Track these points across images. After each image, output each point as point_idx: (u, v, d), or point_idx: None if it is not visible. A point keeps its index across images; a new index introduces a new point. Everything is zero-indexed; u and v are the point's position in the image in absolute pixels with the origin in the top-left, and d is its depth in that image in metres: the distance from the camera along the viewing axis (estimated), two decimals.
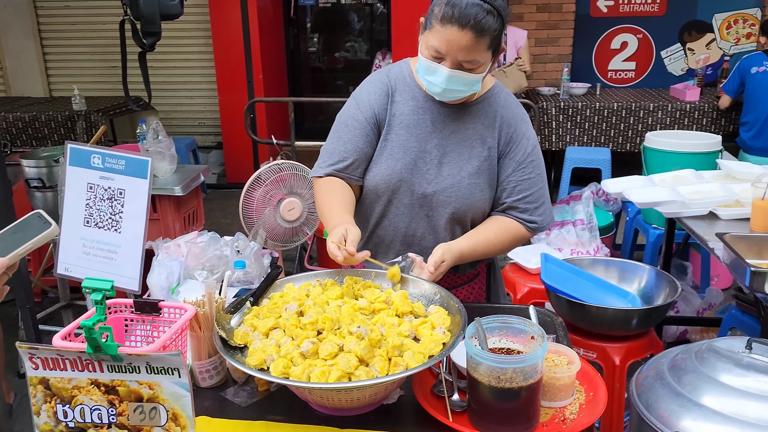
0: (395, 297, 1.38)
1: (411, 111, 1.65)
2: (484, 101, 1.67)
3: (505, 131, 1.66)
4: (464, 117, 1.65)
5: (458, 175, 1.63)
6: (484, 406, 1.21)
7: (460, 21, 1.43)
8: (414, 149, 1.63)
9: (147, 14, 2.81)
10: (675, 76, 6.00)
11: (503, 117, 1.66)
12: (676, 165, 2.99)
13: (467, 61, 1.48)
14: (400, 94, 1.66)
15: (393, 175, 1.63)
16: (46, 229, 1.08)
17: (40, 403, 1.19)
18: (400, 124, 1.65)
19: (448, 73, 1.50)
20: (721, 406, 1.30)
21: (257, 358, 1.21)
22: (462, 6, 1.42)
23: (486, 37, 1.46)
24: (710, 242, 2.24)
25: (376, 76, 1.72)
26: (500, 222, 1.68)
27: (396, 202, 1.66)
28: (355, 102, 1.69)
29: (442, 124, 1.64)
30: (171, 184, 3.21)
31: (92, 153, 1.43)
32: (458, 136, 1.64)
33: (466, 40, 1.44)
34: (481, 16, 1.42)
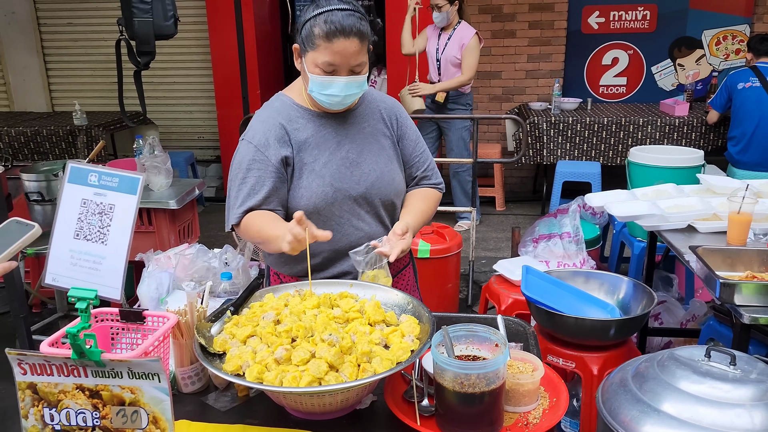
0: (368, 307, 1.44)
1: (313, 132, 1.75)
2: (364, 102, 1.84)
3: (393, 119, 1.86)
4: (357, 119, 1.81)
5: (378, 167, 1.79)
6: (449, 410, 1.27)
7: (344, 32, 1.59)
8: (332, 161, 1.75)
9: (141, 35, 2.90)
10: (665, 92, 6.09)
11: (384, 109, 1.86)
12: (660, 179, 3.07)
13: (357, 65, 1.65)
14: (295, 122, 1.75)
15: (326, 188, 1.72)
16: (29, 231, 1.14)
17: (28, 407, 1.26)
18: (308, 146, 1.74)
19: (346, 81, 1.65)
20: (678, 411, 1.35)
21: (234, 364, 1.27)
22: (340, 20, 1.59)
23: (366, 39, 1.64)
24: (686, 255, 2.31)
25: (262, 115, 1.77)
26: (422, 192, 1.90)
27: (338, 211, 1.75)
28: (253, 145, 1.71)
29: (344, 131, 1.78)
30: (166, 198, 3.28)
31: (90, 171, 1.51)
32: (361, 135, 1.80)
33: (353, 47, 1.61)
34: (358, 23, 1.61)
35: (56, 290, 3.50)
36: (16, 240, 1.13)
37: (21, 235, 1.13)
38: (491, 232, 5.34)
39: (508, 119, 5.78)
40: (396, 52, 5.91)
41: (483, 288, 3.14)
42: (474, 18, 6.19)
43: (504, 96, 6.37)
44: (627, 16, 5.97)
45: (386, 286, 1.58)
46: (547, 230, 3.55)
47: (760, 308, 1.91)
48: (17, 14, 6.64)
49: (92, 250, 1.46)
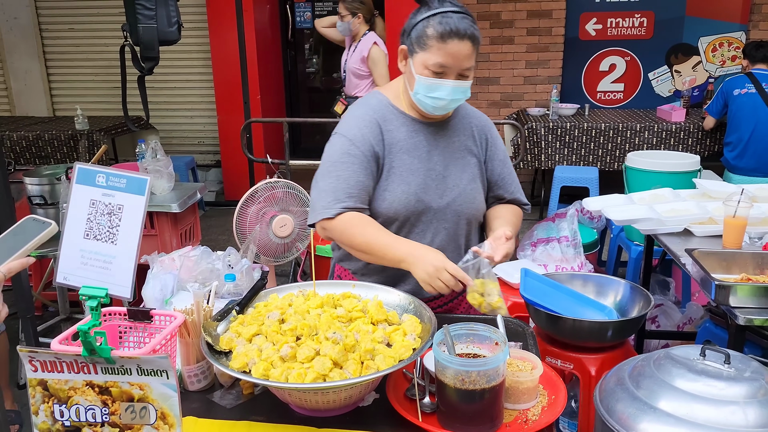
0: (371, 306, 1.48)
1: (406, 136, 1.74)
2: (457, 115, 1.83)
3: (483, 137, 1.85)
4: (448, 132, 1.80)
5: (461, 184, 1.78)
6: (451, 407, 1.30)
7: (458, 34, 1.59)
8: (420, 170, 1.74)
9: (146, 40, 2.94)
10: (662, 98, 6.15)
11: (477, 126, 1.85)
12: (656, 184, 3.10)
13: (467, 69, 1.64)
14: (390, 123, 1.74)
15: (410, 197, 1.72)
16: (45, 229, 1.17)
17: (38, 403, 1.28)
18: (400, 150, 1.73)
19: (453, 85, 1.64)
20: (674, 409, 1.39)
21: (240, 361, 1.30)
22: (455, 21, 1.60)
23: (477, 44, 1.65)
24: (682, 258, 2.34)
25: (359, 111, 1.77)
26: (511, 208, 1.90)
27: (417, 222, 1.75)
28: (346, 138, 1.71)
29: (435, 141, 1.77)
30: (168, 201, 3.31)
31: (98, 173, 1.55)
32: (450, 149, 1.79)
33: (466, 50, 1.61)
34: (472, 27, 1.62)
35: (59, 293, 3.53)
36: (33, 237, 1.15)
37: (38, 232, 1.16)
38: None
39: (506, 125, 5.82)
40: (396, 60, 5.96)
41: None
42: None
43: (502, 102, 6.42)
44: (624, 23, 6.03)
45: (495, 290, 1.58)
46: (546, 234, 3.58)
47: (754, 310, 1.95)
48: (19, 19, 6.69)
49: (102, 250, 1.49)
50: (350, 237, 1.67)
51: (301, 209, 3.18)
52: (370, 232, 1.64)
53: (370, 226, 1.66)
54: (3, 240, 1.17)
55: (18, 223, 1.19)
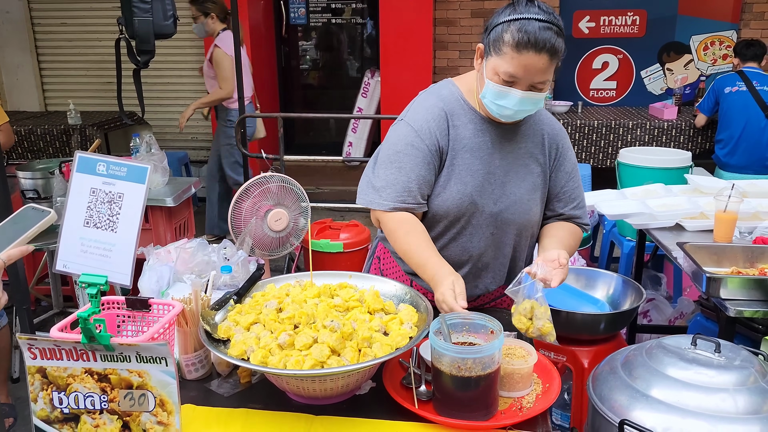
0: (368, 296, 1.49)
1: (472, 134, 1.68)
2: (530, 120, 1.73)
3: (553, 147, 1.76)
4: (516, 137, 1.72)
5: (519, 192, 1.70)
6: (447, 394, 1.32)
7: (536, 46, 1.47)
8: (480, 171, 1.68)
9: (141, 33, 2.94)
10: (654, 95, 6.19)
11: (549, 134, 1.75)
12: (649, 180, 3.14)
13: (540, 82, 1.54)
14: (458, 118, 1.68)
15: (464, 198, 1.67)
16: (45, 217, 1.17)
17: (37, 391, 1.29)
18: (463, 148, 1.67)
19: (521, 96, 1.54)
20: (665, 396, 1.41)
21: (238, 349, 1.32)
22: (535, 31, 1.47)
23: (557, 57, 1.52)
24: (674, 251, 2.37)
25: (429, 101, 1.71)
26: (569, 227, 1.80)
27: (466, 224, 1.71)
28: (412, 129, 1.66)
29: (500, 144, 1.70)
30: (163, 195, 3.32)
31: (98, 161, 1.55)
32: (514, 155, 1.71)
33: (542, 63, 1.50)
34: (553, 39, 1.49)
35: (52, 287, 3.53)
36: (33, 225, 1.16)
37: (37, 221, 1.17)
38: None
39: None
40: (390, 57, 5.98)
41: None
42: (466, 22, 6.27)
43: None
44: (617, 21, 6.07)
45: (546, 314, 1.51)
46: None
47: (744, 302, 1.98)
48: (11, 14, 6.65)
49: (102, 238, 1.50)
50: (395, 239, 1.67)
51: (296, 203, 3.19)
52: (413, 242, 1.62)
53: (415, 234, 1.63)
54: (2, 228, 1.18)
55: (17, 211, 1.20)
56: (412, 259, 1.64)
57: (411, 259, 1.64)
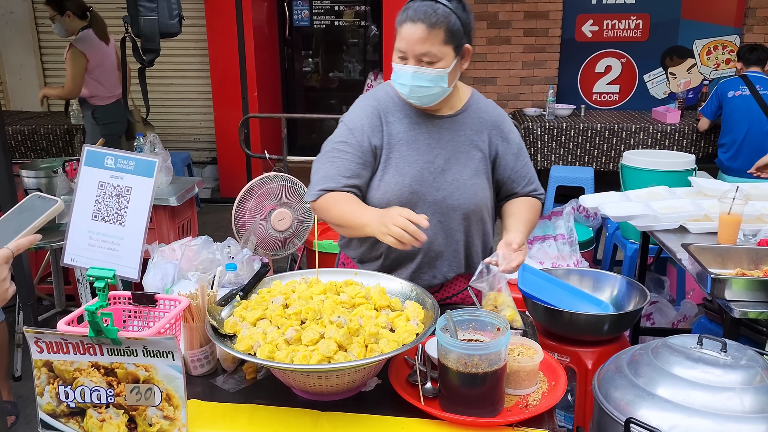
0: (374, 292, 1.49)
1: (407, 128, 1.76)
2: (468, 110, 1.82)
3: (494, 134, 1.83)
4: (455, 126, 1.79)
5: (461, 178, 1.77)
6: (453, 391, 1.31)
7: (412, 18, 1.61)
8: (418, 162, 1.75)
9: (147, 32, 2.94)
10: (657, 99, 6.20)
11: (488, 121, 1.83)
12: (652, 182, 3.13)
13: (424, 54, 1.62)
14: (392, 114, 1.77)
15: (404, 188, 1.73)
16: (52, 206, 1.16)
17: (43, 385, 1.29)
18: (399, 142, 1.75)
19: (413, 71, 1.64)
20: (672, 395, 1.41)
21: (245, 344, 1.32)
22: (415, 7, 1.62)
23: (438, 28, 1.60)
24: (678, 253, 2.37)
25: (364, 101, 1.82)
26: (528, 202, 1.88)
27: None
28: (347, 127, 1.77)
29: (437, 135, 1.77)
30: (166, 195, 3.32)
31: (106, 155, 1.55)
32: (454, 143, 1.78)
33: (419, 33, 1.60)
34: (431, 11, 1.60)
35: (55, 286, 3.53)
36: (40, 214, 1.15)
37: (45, 209, 1.16)
38: None
39: None
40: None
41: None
42: None
43: (499, 102, 6.38)
44: (620, 25, 6.08)
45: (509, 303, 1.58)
46: (542, 232, 3.61)
47: (749, 303, 1.98)
48: (15, 14, 6.66)
49: (110, 231, 1.50)
50: (329, 213, 1.72)
51: (299, 204, 3.19)
52: (343, 205, 1.68)
53: (345, 202, 1.69)
54: (10, 218, 1.18)
55: (24, 200, 1.19)
56: (345, 219, 1.68)
57: (345, 219, 1.68)
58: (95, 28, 4.31)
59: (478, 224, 1.86)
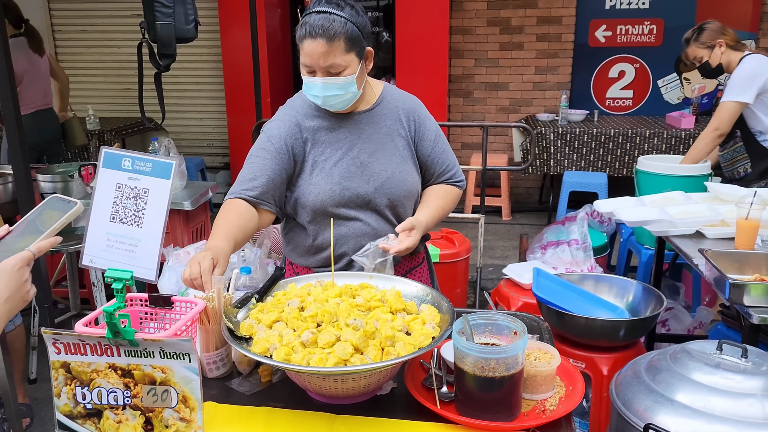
0: (390, 296, 1.49)
1: (327, 131, 1.82)
2: (383, 102, 1.88)
3: (411, 120, 1.89)
4: (374, 119, 1.85)
5: (389, 168, 1.82)
6: (469, 395, 1.30)
7: (311, 34, 1.64)
8: (343, 160, 1.80)
9: (163, 37, 2.97)
10: (671, 105, 6.16)
11: (403, 109, 1.89)
12: (667, 187, 3.10)
13: (329, 66, 1.67)
14: (311, 120, 1.83)
15: (334, 187, 1.78)
16: (72, 208, 1.16)
17: (60, 386, 1.29)
18: (322, 145, 1.81)
19: (322, 82, 1.69)
20: (691, 401, 1.39)
21: (261, 346, 1.31)
22: (312, 22, 1.65)
23: (337, 40, 1.65)
24: (695, 258, 2.34)
25: (282, 112, 1.88)
26: (440, 189, 1.94)
27: (346, 210, 1.81)
28: (266, 135, 1.83)
29: (358, 131, 1.83)
30: (180, 199, 3.34)
31: (124, 156, 1.57)
32: (377, 135, 1.84)
33: (320, 48, 1.64)
34: (327, 24, 1.63)
35: (70, 289, 3.55)
36: (60, 217, 1.15)
37: (64, 212, 1.16)
38: (498, 240, 5.38)
39: (515, 129, 5.84)
40: (405, 65, 6.00)
41: (492, 292, 3.18)
42: (482, 30, 6.29)
43: (511, 107, 6.44)
44: (634, 30, 6.05)
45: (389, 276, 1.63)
46: (555, 237, 3.59)
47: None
48: (32, 21, 6.72)
49: (128, 233, 1.51)
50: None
51: None
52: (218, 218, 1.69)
53: (224, 215, 1.70)
54: (30, 220, 1.18)
55: (43, 202, 1.20)
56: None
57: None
58: (30, 39, 4.31)
59: (414, 208, 1.92)
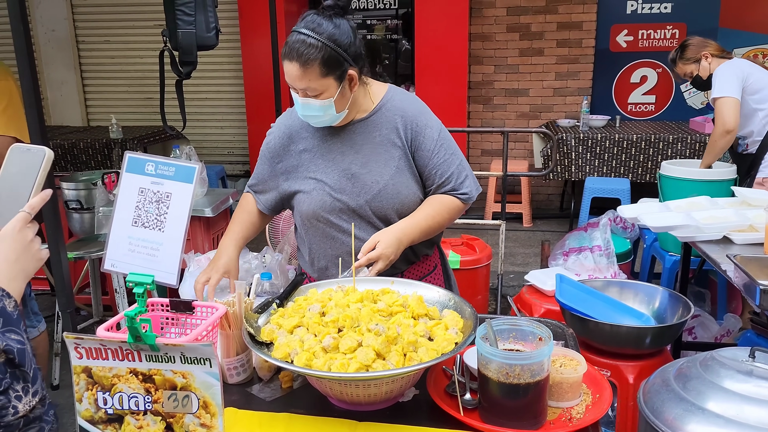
0: (411, 301, 1.47)
1: (320, 141, 1.81)
2: (381, 109, 1.81)
3: (408, 128, 1.80)
4: (368, 128, 1.80)
5: (381, 180, 1.77)
6: (493, 402, 1.28)
7: (288, 56, 1.63)
8: (335, 171, 1.78)
9: (185, 45, 3.00)
10: (695, 110, 6.07)
11: (402, 117, 1.81)
12: (692, 192, 3.05)
13: (305, 89, 1.65)
14: (305, 131, 1.83)
15: (325, 198, 1.77)
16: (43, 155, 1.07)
17: (82, 391, 1.29)
18: (314, 156, 1.81)
19: (302, 102, 1.69)
20: (723, 410, 1.35)
21: (282, 352, 1.30)
22: (291, 43, 1.63)
23: (312, 65, 1.61)
24: (723, 265, 2.29)
25: (281, 120, 1.90)
26: (435, 199, 1.83)
27: (337, 220, 1.78)
28: (266, 140, 1.90)
29: (350, 142, 1.79)
30: (201, 206, 3.35)
31: (147, 161, 1.57)
32: (370, 145, 1.79)
33: (294, 71, 1.63)
34: (303, 48, 1.60)
35: (93, 296, 3.58)
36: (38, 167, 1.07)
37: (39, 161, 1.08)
38: (519, 247, 5.33)
39: (535, 135, 5.80)
40: (425, 72, 5.99)
41: (514, 298, 3.14)
42: (501, 36, 6.26)
43: (531, 113, 6.40)
44: (656, 34, 5.98)
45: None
46: (578, 243, 3.54)
47: None
48: (57, 32, 6.87)
49: (150, 237, 1.51)
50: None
51: None
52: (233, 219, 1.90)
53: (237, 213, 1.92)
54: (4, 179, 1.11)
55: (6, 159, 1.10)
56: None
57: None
58: None
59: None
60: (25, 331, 1.01)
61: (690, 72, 3.76)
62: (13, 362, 0.96)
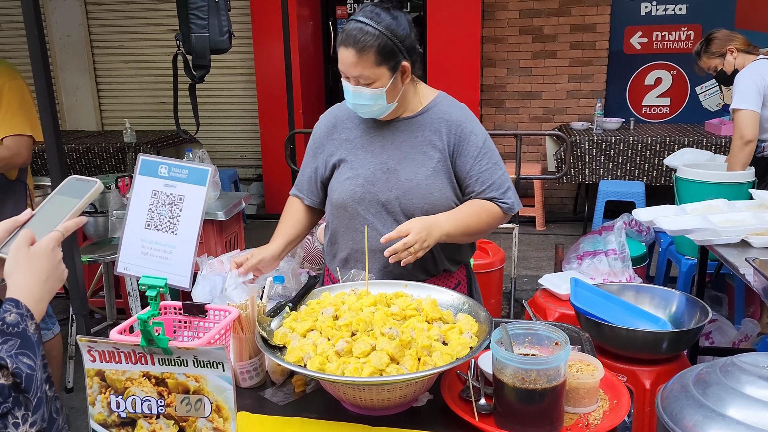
0: (425, 305, 1.45)
1: (362, 133, 1.84)
2: (428, 111, 1.83)
3: (453, 133, 1.80)
4: (412, 127, 1.82)
5: (415, 178, 1.77)
6: (509, 407, 1.26)
7: (345, 42, 1.65)
8: (371, 163, 1.80)
9: (198, 49, 3.01)
10: (710, 112, 6.00)
11: (448, 121, 1.81)
12: (709, 195, 3.01)
13: (358, 77, 1.68)
14: (350, 121, 1.87)
15: (356, 188, 1.79)
16: (92, 187, 1.14)
17: (95, 394, 1.29)
18: (354, 146, 1.83)
19: (352, 90, 1.71)
20: (744, 416, 1.32)
21: (295, 355, 1.29)
22: (348, 29, 1.65)
23: (368, 53, 1.64)
24: (741, 268, 2.25)
25: (331, 110, 1.96)
26: (475, 201, 1.81)
27: (364, 212, 1.80)
28: (314, 129, 1.95)
29: (392, 137, 1.82)
30: (214, 209, 3.36)
31: (160, 164, 1.58)
32: (409, 144, 1.81)
33: (350, 58, 1.65)
34: (360, 35, 1.63)
35: (106, 299, 3.60)
36: (83, 196, 1.13)
37: (86, 191, 1.14)
38: (532, 251, 5.29)
39: (548, 138, 5.76)
40: (437, 74, 5.98)
41: (528, 302, 3.11)
42: (514, 39, 6.24)
43: (544, 116, 6.36)
44: (670, 36, 5.93)
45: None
46: (592, 247, 3.50)
47: None
48: (72, 37, 6.93)
49: (162, 240, 1.51)
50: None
51: None
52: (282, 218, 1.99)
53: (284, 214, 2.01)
54: (52, 201, 1.17)
55: (62, 184, 1.17)
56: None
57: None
58: None
59: None
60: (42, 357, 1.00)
61: (714, 66, 3.69)
62: (19, 387, 0.95)
